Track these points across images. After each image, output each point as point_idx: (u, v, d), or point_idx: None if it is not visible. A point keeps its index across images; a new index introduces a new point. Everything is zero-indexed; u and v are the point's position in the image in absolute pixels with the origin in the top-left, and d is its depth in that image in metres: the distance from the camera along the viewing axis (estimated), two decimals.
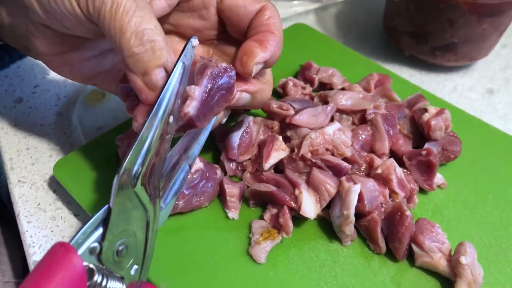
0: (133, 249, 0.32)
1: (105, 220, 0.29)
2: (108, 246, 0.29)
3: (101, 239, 0.29)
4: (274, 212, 0.43)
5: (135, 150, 0.31)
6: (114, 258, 0.30)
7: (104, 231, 0.29)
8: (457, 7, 0.56)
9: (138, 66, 0.33)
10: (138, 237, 0.32)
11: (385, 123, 0.48)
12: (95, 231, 0.29)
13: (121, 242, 0.30)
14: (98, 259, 0.29)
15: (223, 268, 0.41)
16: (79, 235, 0.28)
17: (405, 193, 0.44)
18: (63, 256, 0.26)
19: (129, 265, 0.32)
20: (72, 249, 0.27)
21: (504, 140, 0.52)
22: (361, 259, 0.42)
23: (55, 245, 0.27)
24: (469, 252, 0.39)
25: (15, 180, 0.51)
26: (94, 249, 0.29)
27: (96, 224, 0.29)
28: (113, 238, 0.30)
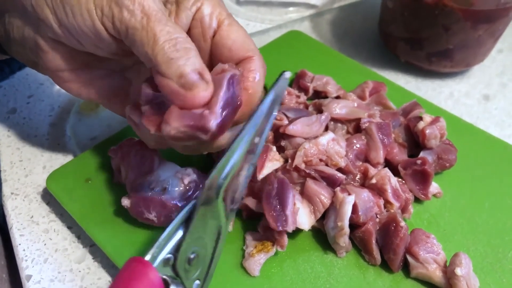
0: (201, 260, 0.32)
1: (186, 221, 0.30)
2: (184, 249, 0.30)
3: (175, 251, 0.30)
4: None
5: (224, 162, 0.31)
6: (185, 266, 0.30)
7: (184, 233, 0.30)
8: (452, 13, 0.56)
9: (173, 70, 0.33)
10: (207, 250, 0.33)
11: (380, 132, 0.48)
12: (169, 241, 0.30)
13: (194, 250, 0.31)
14: (172, 269, 0.30)
15: (217, 281, 0.40)
16: (155, 249, 0.29)
17: (400, 203, 0.44)
18: (141, 272, 0.26)
19: (195, 277, 0.32)
20: (148, 264, 0.27)
21: (501, 147, 0.52)
22: (356, 271, 0.42)
23: (131, 260, 0.27)
24: (464, 263, 0.39)
25: (8, 192, 0.50)
26: (168, 260, 0.29)
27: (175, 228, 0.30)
28: (190, 242, 0.30)
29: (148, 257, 0.28)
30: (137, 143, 0.46)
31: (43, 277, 0.44)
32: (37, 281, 0.43)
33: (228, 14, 0.40)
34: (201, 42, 0.40)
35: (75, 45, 0.38)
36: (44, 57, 0.40)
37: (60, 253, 0.45)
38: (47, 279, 0.43)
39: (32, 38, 0.40)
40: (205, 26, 0.39)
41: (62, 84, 0.42)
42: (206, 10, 0.39)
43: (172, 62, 0.33)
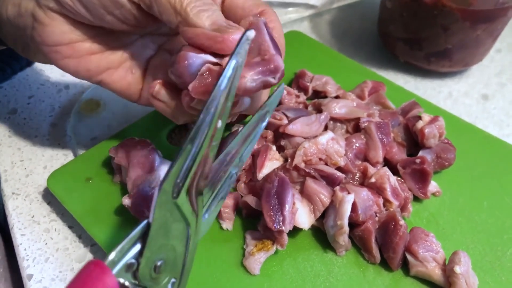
0: (171, 264, 0.30)
1: (143, 236, 0.28)
2: (145, 263, 0.28)
3: (139, 255, 0.28)
4: None
5: (180, 160, 0.29)
6: (151, 274, 0.29)
7: (142, 248, 0.28)
8: (450, 13, 0.57)
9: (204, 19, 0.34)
10: (177, 251, 0.31)
11: (379, 132, 0.48)
12: (132, 247, 0.28)
13: (159, 258, 0.29)
14: (134, 276, 0.28)
15: (217, 280, 0.41)
16: (116, 253, 0.27)
17: (399, 202, 0.44)
18: (97, 278, 0.25)
19: (166, 280, 0.30)
20: (106, 269, 0.26)
21: (499, 147, 0.52)
22: (356, 269, 0.42)
23: (89, 263, 0.25)
24: (463, 261, 0.39)
25: (9, 192, 0.51)
26: (131, 265, 0.28)
27: (134, 240, 0.28)
28: (151, 254, 0.28)
29: (107, 262, 0.26)
30: (137, 142, 0.46)
31: (44, 277, 0.44)
32: (38, 280, 0.43)
33: None
34: None
35: (80, 14, 0.37)
36: (42, 31, 0.39)
37: (61, 252, 0.46)
38: (48, 278, 0.44)
39: (30, 12, 0.39)
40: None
41: (59, 61, 0.41)
42: None
43: (202, 13, 0.34)
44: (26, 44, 0.42)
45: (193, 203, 0.31)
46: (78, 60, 0.41)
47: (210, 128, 0.30)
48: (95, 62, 0.42)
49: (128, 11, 0.37)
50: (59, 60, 0.41)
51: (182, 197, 0.30)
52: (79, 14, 0.38)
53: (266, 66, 0.35)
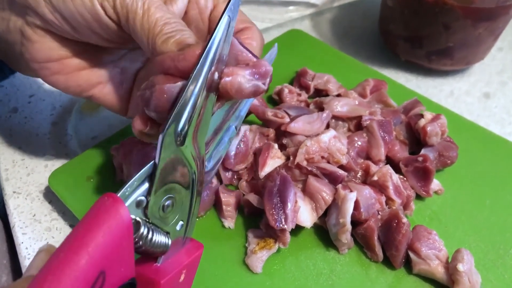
0: (178, 205, 0.32)
1: (150, 176, 0.29)
2: (154, 201, 0.29)
3: (147, 194, 0.29)
4: None
5: (181, 106, 0.30)
6: (160, 213, 0.30)
7: (150, 186, 0.29)
8: (452, 11, 0.56)
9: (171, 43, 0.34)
10: (183, 194, 0.32)
11: (381, 130, 0.48)
12: (141, 185, 0.29)
13: (166, 198, 0.31)
14: (144, 214, 0.29)
15: (219, 278, 0.41)
16: (126, 188, 0.28)
17: (401, 200, 0.44)
18: (111, 206, 0.26)
19: (174, 221, 0.32)
20: (119, 200, 0.27)
21: (501, 145, 0.52)
22: (358, 267, 0.42)
23: (103, 196, 0.27)
24: (466, 259, 0.39)
25: (10, 191, 0.50)
26: (140, 202, 0.29)
27: (143, 178, 0.29)
28: (159, 193, 0.30)
29: (119, 194, 0.28)
30: (138, 141, 0.46)
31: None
32: None
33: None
34: (199, 24, 0.40)
35: (67, 32, 0.38)
36: (31, 48, 0.39)
37: None
38: None
39: (19, 28, 0.39)
40: (201, 7, 0.40)
41: (49, 77, 0.41)
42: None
43: (170, 38, 0.34)
44: (16, 59, 0.42)
45: (196, 150, 0.32)
46: (68, 76, 0.41)
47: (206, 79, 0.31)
48: (85, 77, 0.42)
49: (112, 31, 0.37)
50: (48, 76, 0.41)
51: (187, 142, 0.31)
52: (66, 32, 0.38)
53: (256, 69, 0.34)
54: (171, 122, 0.30)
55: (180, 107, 0.30)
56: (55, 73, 0.41)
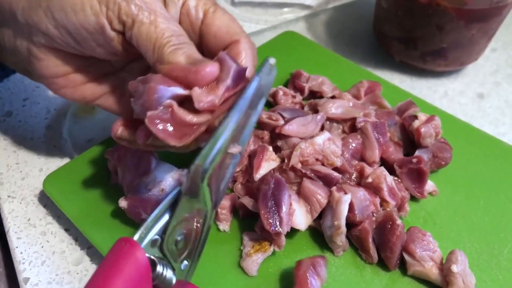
0: (188, 242, 0.33)
1: (172, 206, 0.31)
2: (170, 233, 0.31)
3: (162, 232, 0.31)
4: None
5: (208, 148, 0.32)
6: (173, 247, 0.32)
7: (170, 217, 0.31)
8: (445, 12, 0.57)
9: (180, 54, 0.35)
10: (194, 231, 0.34)
11: (375, 131, 0.48)
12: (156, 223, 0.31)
13: (181, 232, 0.32)
14: (160, 249, 0.31)
15: (215, 281, 0.41)
16: (142, 230, 0.30)
17: (396, 201, 0.44)
18: (128, 252, 0.28)
19: (182, 258, 0.33)
20: (136, 244, 0.28)
21: (495, 145, 0.52)
22: (353, 269, 0.42)
23: (119, 240, 0.28)
24: (460, 260, 0.39)
25: (5, 195, 0.50)
26: (155, 241, 0.31)
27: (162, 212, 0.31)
28: (177, 225, 0.32)
29: (136, 238, 0.29)
30: None
31: (41, 280, 0.44)
32: (35, 284, 0.43)
33: (213, 3, 0.41)
34: (191, 34, 0.41)
35: (72, 46, 0.39)
36: (37, 65, 0.40)
37: (57, 255, 0.45)
38: (44, 281, 0.43)
39: (25, 47, 0.40)
40: (192, 19, 0.40)
41: (57, 90, 0.43)
42: (192, 3, 0.40)
43: (178, 50, 0.35)
44: (26, 70, 0.44)
45: (211, 192, 0.34)
46: (74, 89, 0.43)
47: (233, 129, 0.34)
48: (90, 90, 0.44)
49: (117, 42, 0.38)
50: (56, 90, 0.43)
51: (205, 181, 0.33)
52: (71, 46, 0.39)
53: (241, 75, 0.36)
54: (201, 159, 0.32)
55: (208, 148, 0.32)
56: (62, 87, 0.42)
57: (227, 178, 0.37)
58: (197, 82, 0.34)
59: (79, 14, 0.36)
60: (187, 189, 0.32)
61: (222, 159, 0.34)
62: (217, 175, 0.35)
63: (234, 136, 0.34)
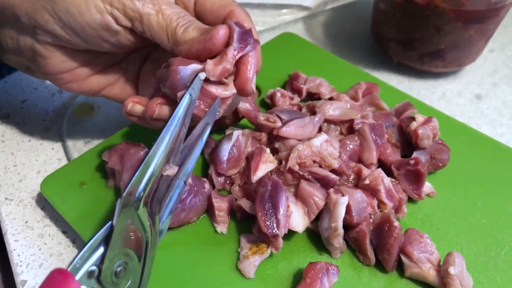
0: (130, 271, 0.33)
1: (106, 239, 0.31)
2: (107, 265, 0.30)
3: (100, 262, 0.30)
4: None
5: (140, 173, 0.33)
6: (112, 279, 0.31)
7: (105, 250, 0.30)
8: (443, 14, 0.57)
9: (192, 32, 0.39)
10: (135, 259, 0.33)
11: (373, 133, 0.48)
12: (93, 254, 0.30)
13: (119, 263, 0.31)
14: (98, 281, 0.30)
15: (212, 283, 0.41)
16: (77, 260, 0.29)
17: (393, 203, 0.44)
18: (61, 283, 0.27)
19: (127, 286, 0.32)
20: (70, 275, 0.28)
21: (492, 146, 0.52)
22: (351, 271, 0.42)
23: (53, 272, 0.27)
24: (458, 262, 0.39)
25: (2, 197, 0.50)
26: (92, 272, 0.30)
27: (96, 244, 0.30)
28: (113, 257, 0.31)
29: (70, 268, 0.28)
30: (131, 146, 0.46)
31: (38, 282, 0.43)
32: (32, 286, 0.43)
33: None
34: None
35: (78, 44, 0.40)
36: (43, 62, 0.42)
37: (55, 257, 0.45)
38: None
39: (29, 46, 0.41)
40: (185, 1, 0.43)
41: (64, 85, 0.44)
42: None
43: (189, 28, 0.39)
44: (29, 69, 0.45)
45: (150, 212, 0.34)
46: (80, 83, 0.45)
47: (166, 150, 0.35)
48: (95, 82, 0.46)
49: (123, 37, 0.40)
50: (63, 85, 0.44)
51: (141, 207, 0.33)
52: (77, 44, 0.41)
53: None
54: (131, 186, 0.32)
55: (140, 173, 0.33)
56: (68, 82, 0.44)
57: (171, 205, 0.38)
58: (215, 47, 0.38)
59: (84, 15, 0.38)
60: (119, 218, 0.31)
61: (158, 183, 0.35)
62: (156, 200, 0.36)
63: (168, 157, 0.36)
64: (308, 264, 0.40)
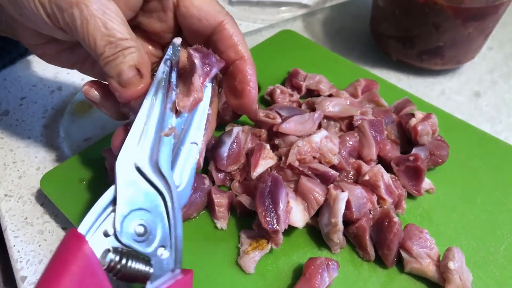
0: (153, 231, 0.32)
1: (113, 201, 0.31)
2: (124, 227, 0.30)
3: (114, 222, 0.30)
4: None
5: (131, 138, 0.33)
6: (134, 238, 0.31)
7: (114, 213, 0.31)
8: (442, 11, 0.57)
9: (113, 70, 0.35)
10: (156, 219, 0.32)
11: (372, 129, 0.48)
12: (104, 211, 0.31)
13: (137, 222, 0.31)
14: (118, 240, 0.30)
15: (212, 279, 0.41)
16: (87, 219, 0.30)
17: (393, 199, 0.44)
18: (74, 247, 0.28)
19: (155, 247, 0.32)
20: (81, 237, 0.28)
21: (491, 143, 0.53)
22: (351, 267, 0.42)
23: (68, 233, 0.28)
24: (457, 257, 0.39)
25: (2, 194, 0.50)
26: (107, 232, 0.30)
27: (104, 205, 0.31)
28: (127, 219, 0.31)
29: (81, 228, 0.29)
30: None
31: (38, 278, 0.43)
32: (32, 282, 0.43)
33: None
34: (160, 14, 0.40)
35: (38, 30, 0.39)
36: (17, 34, 0.41)
37: None
38: None
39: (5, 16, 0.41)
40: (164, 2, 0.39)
41: (40, 56, 0.43)
42: None
43: (111, 63, 0.35)
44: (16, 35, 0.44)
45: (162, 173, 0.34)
46: (51, 56, 0.43)
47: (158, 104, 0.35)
48: (65, 58, 0.44)
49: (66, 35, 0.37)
50: (39, 56, 0.44)
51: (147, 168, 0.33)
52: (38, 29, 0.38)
53: None
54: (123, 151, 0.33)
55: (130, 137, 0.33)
56: (42, 55, 0.43)
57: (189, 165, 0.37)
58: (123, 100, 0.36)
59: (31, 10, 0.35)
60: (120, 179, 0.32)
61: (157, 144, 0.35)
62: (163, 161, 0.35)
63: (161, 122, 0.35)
64: (308, 260, 0.40)
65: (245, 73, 0.40)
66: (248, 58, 0.41)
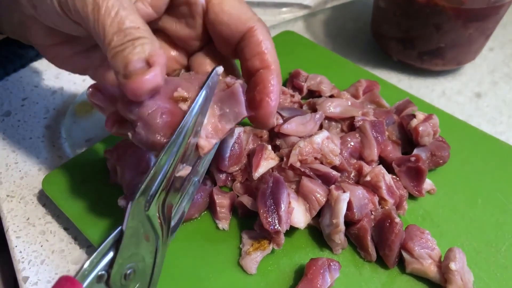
0: (140, 273, 0.32)
1: (116, 243, 0.30)
2: (117, 270, 0.30)
3: (109, 267, 0.29)
4: None
5: (153, 175, 0.31)
6: (121, 282, 0.30)
7: (115, 255, 0.29)
8: (443, 12, 0.57)
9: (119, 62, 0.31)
10: (146, 261, 0.32)
11: (374, 130, 0.48)
12: (102, 259, 0.29)
13: (129, 266, 0.31)
14: (106, 284, 0.30)
15: (214, 280, 0.41)
16: (86, 267, 0.28)
17: (394, 200, 0.44)
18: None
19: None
20: (77, 283, 0.27)
21: (492, 144, 0.53)
22: (352, 267, 0.42)
23: (60, 279, 0.27)
24: (459, 258, 0.39)
25: (4, 195, 0.50)
26: (101, 276, 0.29)
27: (105, 250, 0.29)
28: (123, 261, 0.30)
29: (79, 276, 0.28)
30: (132, 143, 0.46)
31: (40, 279, 0.44)
32: (34, 283, 0.43)
33: None
34: (189, 20, 0.39)
35: (51, 24, 0.37)
36: (29, 33, 0.39)
37: (57, 254, 0.45)
38: (44, 280, 0.43)
39: (17, 14, 0.40)
40: (190, 2, 0.38)
41: (49, 59, 0.41)
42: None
43: (118, 55, 0.31)
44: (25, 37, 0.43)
45: (163, 214, 0.34)
46: (63, 60, 0.41)
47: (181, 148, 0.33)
48: (77, 63, 0.42)
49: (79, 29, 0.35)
50: (48, 59, 0.41)
51: (153, 209, 0.32)
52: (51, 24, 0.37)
53: None
54: (143, 191, 0.31)
55: (152, 176, 0.31)
56: (53, 58, 0.41)
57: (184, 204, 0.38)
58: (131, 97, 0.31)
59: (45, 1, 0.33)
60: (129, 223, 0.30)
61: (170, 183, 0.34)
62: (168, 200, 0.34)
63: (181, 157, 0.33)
64: (309, 260, 0.40)
65: (267, 84, 0.37)
66: (275, 68, 0.38)
